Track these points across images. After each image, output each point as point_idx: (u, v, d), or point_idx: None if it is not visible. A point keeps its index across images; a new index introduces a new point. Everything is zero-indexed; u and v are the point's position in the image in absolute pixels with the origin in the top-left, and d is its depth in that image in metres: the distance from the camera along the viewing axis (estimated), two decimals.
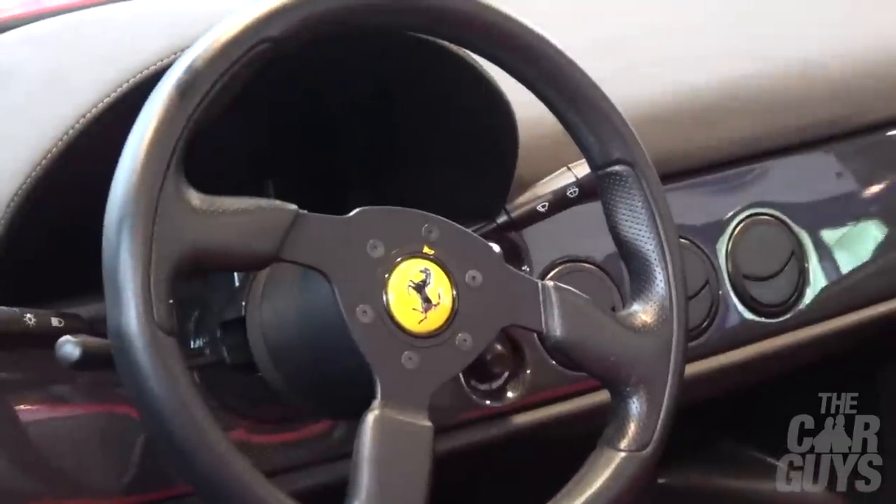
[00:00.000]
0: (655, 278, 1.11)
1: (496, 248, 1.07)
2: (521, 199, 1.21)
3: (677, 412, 1.07)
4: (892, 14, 1.76)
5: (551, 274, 1.32)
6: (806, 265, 1.49)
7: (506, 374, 1.28)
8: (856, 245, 1.56)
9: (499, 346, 1.26)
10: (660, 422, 1.06)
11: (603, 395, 1.10)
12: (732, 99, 1.50)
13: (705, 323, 1.40)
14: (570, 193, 1.19)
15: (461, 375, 1.25)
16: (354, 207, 1.00)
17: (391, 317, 0.98)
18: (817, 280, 1.50)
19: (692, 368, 1.36)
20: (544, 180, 1.21)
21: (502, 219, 1.20)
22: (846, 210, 1.57)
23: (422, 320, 0.99)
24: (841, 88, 1.59)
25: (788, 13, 1.75)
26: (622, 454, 1.04)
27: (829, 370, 1.70)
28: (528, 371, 1.28)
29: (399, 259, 0.99)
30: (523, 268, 1.30)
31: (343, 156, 1.31)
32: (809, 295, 1.49)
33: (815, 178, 1.55)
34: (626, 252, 1.13)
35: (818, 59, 1.61)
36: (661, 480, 1.85)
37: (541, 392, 1.30)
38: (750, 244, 1.45)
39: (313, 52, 1.02)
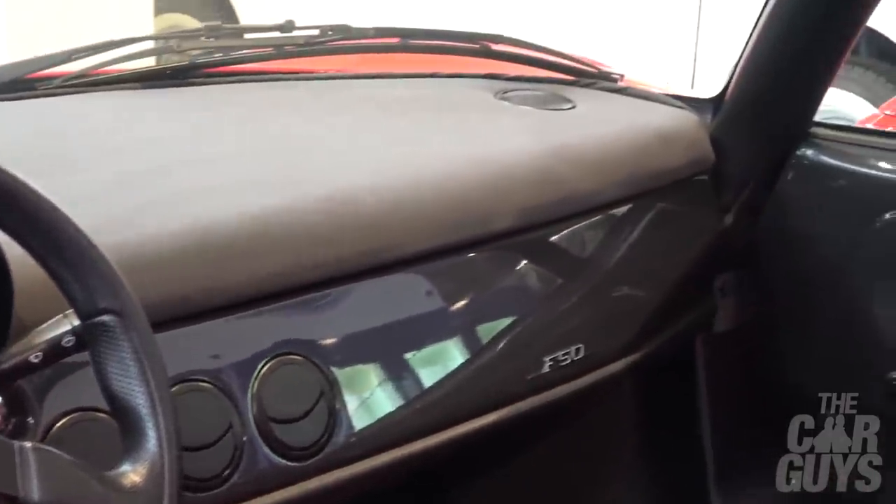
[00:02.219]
0: (147, 435, 1.07)
1: None
2: (14, 348, 1.12)
3: None
4: (425, 147, 1.78)
5: (59, 424, 1.22)
6: (337, 406, 1.45)
7: None
8: (393, 382, 1.54)
9: None
10: None
11: None
12: (257, 233, 1.44)
13: (227, 470, 1.34)
14: (66, 343, 1.11)
15: None
16: None
17: None
18: (351, 420, 1.47)
19: None
20: (40, 328, 1.13)
21: None
22: (382, 346, 1.55)
23: None
24: (374, 221, 1.56)
25: (320, 146, 1.74)
26: None
27: None
28: None
29: None
30: (28, 419, 1.21)
31: None
32: (340, 435, 1.45)
33: (348, 315, 1.52)
34: (117, 408, 1.08)
35: (351, 192, 1.58)
36: None
37: None
38: (277, 386, 1.39)
39: None
